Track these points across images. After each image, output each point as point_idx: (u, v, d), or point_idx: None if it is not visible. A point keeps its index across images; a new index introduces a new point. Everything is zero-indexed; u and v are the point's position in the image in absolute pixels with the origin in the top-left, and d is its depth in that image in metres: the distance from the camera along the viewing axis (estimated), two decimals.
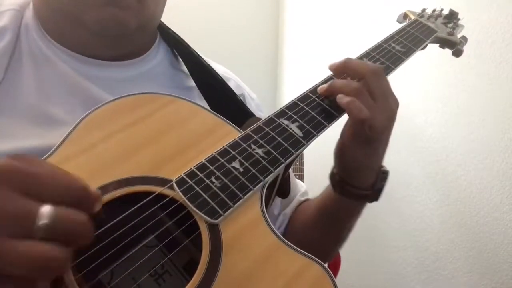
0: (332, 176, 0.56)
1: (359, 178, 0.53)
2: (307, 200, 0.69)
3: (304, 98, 0.51)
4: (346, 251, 0.64)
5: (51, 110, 0.48)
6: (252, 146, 0.44)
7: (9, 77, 0.48)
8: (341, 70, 0.52)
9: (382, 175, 0.54)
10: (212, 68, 0.62)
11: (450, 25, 0.70)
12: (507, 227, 1.10)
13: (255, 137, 0.45)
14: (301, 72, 2.16)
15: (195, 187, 0.39)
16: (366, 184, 0.54)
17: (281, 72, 2.39)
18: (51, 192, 0.27)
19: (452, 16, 0.72)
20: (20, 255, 0.25)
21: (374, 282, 1.56)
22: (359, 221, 0.61)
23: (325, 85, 0.51)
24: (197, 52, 0.63)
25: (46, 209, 0.26)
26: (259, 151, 0.44)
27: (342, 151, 0.53)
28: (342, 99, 0.48)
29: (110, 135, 0.42)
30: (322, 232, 0.61)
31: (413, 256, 1.39)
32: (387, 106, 0.50)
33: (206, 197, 0.39)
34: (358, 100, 0.47)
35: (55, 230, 0.26)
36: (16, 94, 0.47)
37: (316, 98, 0.51)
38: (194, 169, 0.41)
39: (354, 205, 0.57)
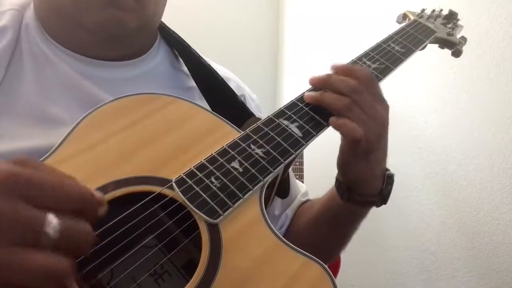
0: (339, 185, 0.55)
1: (366, 187, 0.53)
2: (308, 200, 0.69)
3: (303, 98, 0.51)
4: (346, 251, 0.64)
5: (51, 110, 0.48)
6: (252, 146, 0.44)
7: (10, 77, 0.48)
8: (322, 86, 0.50)
9: (388, 180, 0.54)
10: (212, 68, 0.62)
11: (449, 26, 0.70)
12: (507, 227, 1.10)
13: (255, 137, 0.45)
14: (301, 72, 2.16)
15: (195, 187, 0.39)
16: (373, 191, 0.54)
17: (281, 72, 2.39)
18: (55, 200, 0.26)
19: (451, 17, 0.72)
20: (31, 268, 0.24)
21: (374, 282, 1.56)
22: (361, 222, 0.60)
23: (312, 94, 0.49)
24: (198, 52, 0.63)
25: (52, 219, 0.25)
26: (259, 151, 0.44)
27: (343, 166, 0.53)
28: (334, 122, 0.47)
29: (110, 135, 0.42)
30: (327, 234, 0.61)
31: (413, 256, 1.39)
32: (378, 115, 0.49)
33: (206, 197, 0.39)
34: (349, 116, 0.47)
35: (62, 241, 0.25)
36: (17, 94, 0.48)
37: None
38: (194, 169, 0.41)
39: (361, 209, 0.57)
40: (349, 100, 0.47)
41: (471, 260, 1.20)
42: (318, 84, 0.50)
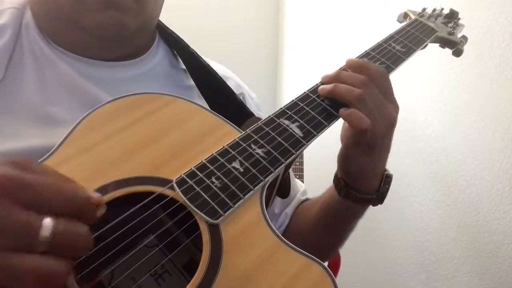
0: (337, 181, 0.55)
1: (364, 183, 0.53)
2: (307, 199, 0.69)
3: (304, 98, 0.51)
4: (346, 251, 0.64)
5: (51, 110, 0.48)
6: (252, 146, 0.44)
7: (10, 75, 0.48)
8: (332, 83, 0.50)
9: (386, 179, 0.55)
10: (211, 67, 0.62)
11: (450, 25, 0.70)
12: (507, 227, 1.10)
13: (255, 137, 0.45)
14: (301, 72, 2.16)
15: (196, 187, 0.39)
16: (370, 189, 0.54)
17: (281, 72, 2.39)
18: (52, 204, 0.26)
19: (452, 16, 0.72)
20: (26, 272, 0.24)
21: (374, 282, 1.56)
22: (359, 221, 0.61)
23: (326, 86, 0.50)
24: (197, 52, 0.63)
25: (47, 222, 0.25)
26: (259, 151, 0.44)
27: (345, 159, 0.53)
28: (343, 112, 0.48)
29: (110, 135, 0.42)
30: (325, 233, 0.61)
31: (413, 256, 1.39)
32: (387, 112, 0.49)
33: (207, 197, 0.39)
34: (359, 107, 0.47)
35: (57, 244, 0.25)
36: (17, 93, 0.47)
37: (316, 98, 0.51)
38: (194, 169, 0.41)
39: (358, 207, 0.57)
40: (361, 91, 0.48)
41: (471, 260, 1.20)
42: (329, 82, 0.51)
